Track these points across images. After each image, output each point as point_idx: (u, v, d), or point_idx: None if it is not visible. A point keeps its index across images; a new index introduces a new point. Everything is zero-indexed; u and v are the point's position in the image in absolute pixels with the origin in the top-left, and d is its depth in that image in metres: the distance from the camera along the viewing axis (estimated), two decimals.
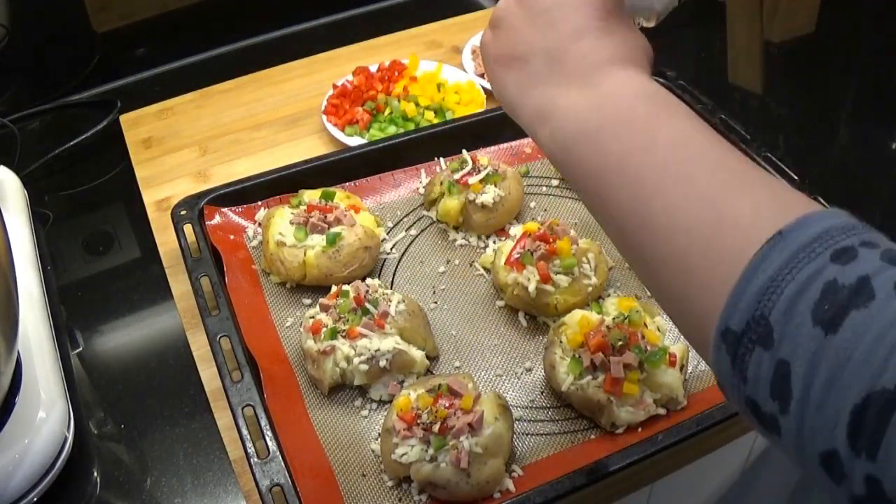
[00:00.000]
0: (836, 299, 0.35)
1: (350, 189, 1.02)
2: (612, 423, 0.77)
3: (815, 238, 0.37)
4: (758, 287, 0.38)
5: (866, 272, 0.36)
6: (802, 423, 0.36)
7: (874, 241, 0.37)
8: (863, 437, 0.34)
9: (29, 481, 0.71)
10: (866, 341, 0.34)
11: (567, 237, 0.89)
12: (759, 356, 0.38)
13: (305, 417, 0.80)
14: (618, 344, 0.77)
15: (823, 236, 0.37)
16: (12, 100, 1.28)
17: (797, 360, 0.36)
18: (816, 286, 0.36)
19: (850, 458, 0.34)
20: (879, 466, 0.34)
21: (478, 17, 1.45)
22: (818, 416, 0.35)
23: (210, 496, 0.77)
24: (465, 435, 0.71)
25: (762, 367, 0.38)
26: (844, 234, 0.37)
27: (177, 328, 0.91)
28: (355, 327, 0.80)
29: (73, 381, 0.84)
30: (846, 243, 0.37)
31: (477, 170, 0.98)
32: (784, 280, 0.37)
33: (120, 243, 1.05)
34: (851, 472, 0.35)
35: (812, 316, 0.36)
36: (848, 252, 0.37)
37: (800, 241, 0.38)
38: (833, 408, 0.35)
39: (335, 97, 1.21)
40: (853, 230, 0.38)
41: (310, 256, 0.90)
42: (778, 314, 0.37)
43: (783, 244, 0.38)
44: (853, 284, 0.35)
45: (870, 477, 0.34)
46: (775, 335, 0.37)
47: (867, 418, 0.34)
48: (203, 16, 1.42)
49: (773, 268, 0.37)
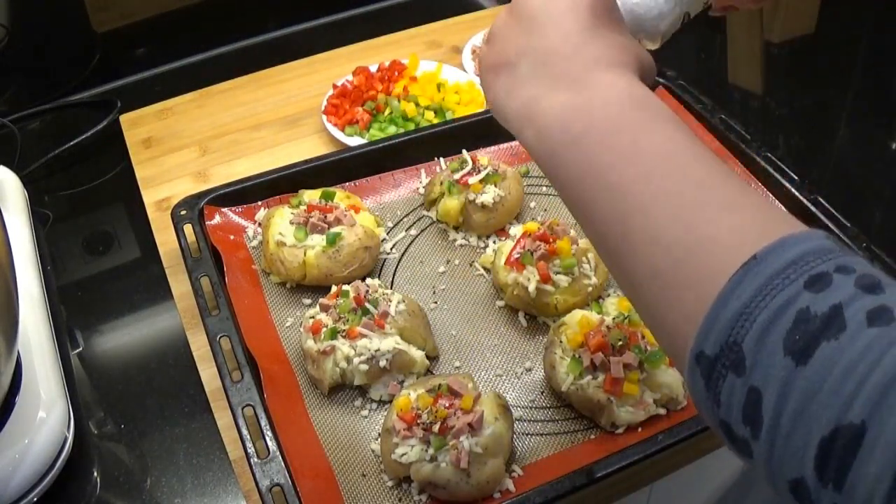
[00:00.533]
0: (808, 329, 0.36)
1: (350, 189, 1.02)
2: (612, 423, 0.77)
3: (790, 263, 0.37)
4: (731, 313, 0.38)
5: (839, 300, 0.36)
6: (772, 450, 0.37)
7: (850, 265, 0.37)
8: (829, 468, 0.34)
9: (29, 481, 0.71)
10: (835, 374, 0.34)
11: (567, 237, 0.89)
12: (732, 382, 0.38)
13: (305, 417, 0.80)
14: (618, 344, 0.77)
15: (798, 261, 0.37)
16: (12, 100, 1.28)
17: (768, 388, 0.36)
18: (789, 315, 0.36)
19: (817, 488, 0.35)
20: (845, 497, 0.34)
21: (478, 17, 1.45)
22: (787, 444, 0.36)
23: (210, 496, 0.77)
24: (465, 435, 0.71)
25: (734, 394, 0.38)
26: (820, 259, 0.38)
27: (177, 328, 0.91)
28: (355, 327, 0.80)
29: (73, 381, 0.84)
30: (821, 269, 0.37)
31: (477, 170, 0.98)
32: (757, 307, 0.37)
33: (120, 243, 1.05)
34: (818, 500, 0.35)
35: (783, 345, 0.36)
36: (822, 279, 0.37)
37: (774, 267, 0.38)
38: (802, 438, 0.35)
39: (335, 97, 1.20)
40: (829, 254, 0.38)
41: (310, 256, 0.90)
42: (750, 342, 0.37)
43: (758, 269, 0.38)
44: (825, 314, 0.36)
45: None
46: (747, 363, 0.37)
47: (834, 450, 0.34)
48: (203, 16, 1.42)
49: (747, 294, 0.38)
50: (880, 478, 0.33)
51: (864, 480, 0.33)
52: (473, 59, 1.30)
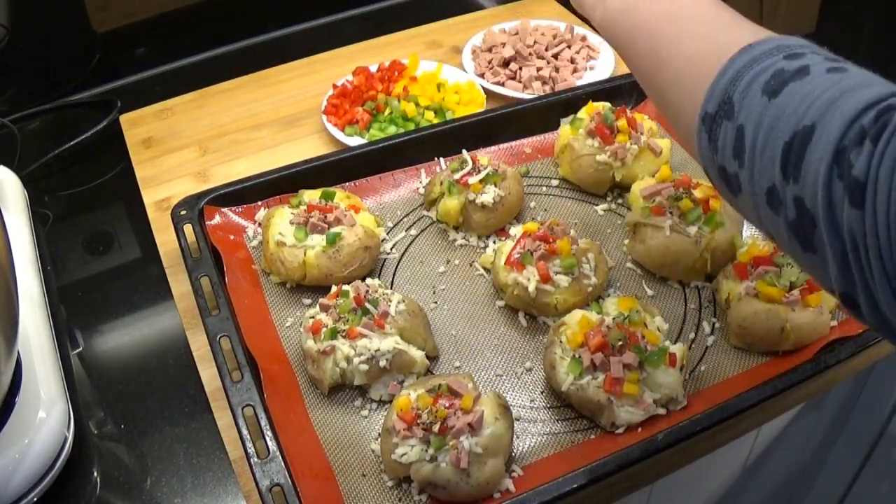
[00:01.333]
0: (781, 77, 0.47)
1: (350, 189, 1.02)
2: (612, 423, 0.77)
3: (775, 47, 0.49)
4: (727, 79, 0.50)
5: (808, 63, 0.47)
6: (752, 170, 0.48)
7: (823, 52, 0.49)
8: (790, 165, 0.45)
9: (29, 481, 0.71)
10: (797, 99, 0.45)
11: (567, 237, 0.89)
12: (725, 127, 0.49)
13: (305, 417, 0.80)
14: (618, 344, 0.77)
15: (782, 47, 0.49)
16: (12, 100, 1.28)
17: (749, 122, 0.48)
18: (768, 73, 0.48)
19: (783, 186, 0.46)
20: (800, 186, 0.44)
21: (478, 17, 1.45)
22: (761, 159, 0.47)
23: (210, 496, 0.77)
24: (465, 435, 0.71)
25: (727, 135, 0.49)
26: (800, 46, 0.49)
27: (177, 328, 0.91)
28: (355, 327, 0.80)
29: (73, 381, 0.84)
30: (799, 50, 0.48)
31: (477, 170, 0.98)
32: (746, 72, 0.49)
33: (120, 243, 1.05)
34: (784, 198, 0.46)
35: (761, 90, 0.47)
36: (798, 55, 0.48)
37: (762, 49, 0.49)
38: (771, 149, 0.46)
39: (335, 97, 1.20)
40: (809, 46, 0.49)
41: (310, 256, 0.90)
42: (738, 94, 0.49)
43: (750, 51, 0.50)
44: (796, 68, 0.47)
45: (796, 198, 0.45)
46: (735, 108, 0.49)
47: (793, 149, 0.45)
48: (203, 16, 1.42)
49: (739, 65, 0.49)
50: (822, 159, 0.43)
51: (811, 166, 0.43)
52: (473, 59, 1.30)
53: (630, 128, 1.02)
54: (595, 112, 1.05)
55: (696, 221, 0.90)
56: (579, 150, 1.02)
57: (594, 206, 1.04)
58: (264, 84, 1.29)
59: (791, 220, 0.46)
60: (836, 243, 0.43)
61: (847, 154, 0.42)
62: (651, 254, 0.91)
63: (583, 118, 1.05)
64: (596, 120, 1.03)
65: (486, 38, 1.33)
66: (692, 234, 0.89)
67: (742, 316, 0.83)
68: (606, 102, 1.08)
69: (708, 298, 0.91)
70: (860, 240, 0.42)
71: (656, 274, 0.93)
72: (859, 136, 0.42)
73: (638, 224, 0.93)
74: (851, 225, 0.42)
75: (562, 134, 1.07)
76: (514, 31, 1.34)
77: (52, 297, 0.91)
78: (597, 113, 1.04)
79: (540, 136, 1.12)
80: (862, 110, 0.42)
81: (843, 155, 0.42)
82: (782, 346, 0.82)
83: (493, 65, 1.28)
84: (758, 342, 0.83)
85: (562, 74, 1.25)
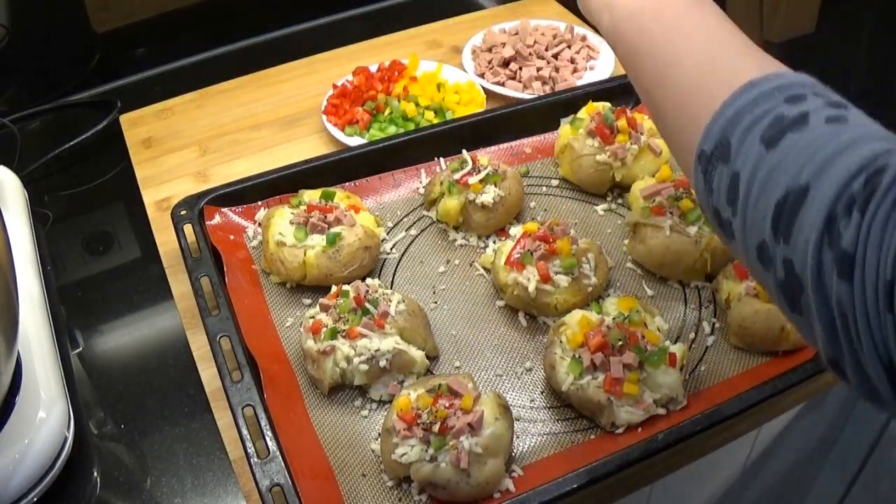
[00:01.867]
0: (780, 125, 0.46)
1: (350, 189, 1.02)
2: (612, 423, 0.77)
3: (777, 87, 0.48)
4: (725, 119, 0.48)
5: (808, 109, 0.46)
6: (745, 221, 0.47)
7: (825, 93, 0.47)
8: (782, 224, 0.44)
9: (29, 481, 0.71)
10: (794, 153, 0.44)
11: (567, 237, 0.89)
12: (721, 170, 0.48)
13: (305, 417, 0.80)
14: (618, 344, 0.77)
15: (784, 87, 0.48)
16: (12, 100, 1.28)
17: (744, 170, 0.47)
18: (768, 118, 0.46)
19: (773, 245, 0.45)
20: (791, 248, 0.43)
21: (478, 17, 1.45)
22: (754, 211, 0.46)
23: (210, 496, 0.77)
24: (465, 435, 0.71)
25: (722, 179, 0.48)
26: (801, 87, 0.48)
27: (177, 328, 0.91)
28: (355, 327, 0.80)
29: (73, 381, 0.84)
30: (801, 92, 0.47)
31: (477, 170, 0.98)
32: (746, 114, 0.47)
33: (120, 243, 1.05)
34: (774, 256, 0.45)
35: (759, 137, 0.46)
36: (800, 97, 0.47)
37: (763, 89, 0.48)
38: (764, 203, 0.45)
39: (335, 97, 1.20)
40: (811, 86, 0.48)
41: (310, 256, 0.90)
42: (736, 138, 0.47)
43: (751, 89, 0.48)
44: (795, 116, 0.45)
45: (786, 259, 0.44)
46: (732, 152, 0.48)
47: (785, 209, 0.44)
48: (203, 16, 1.42)
49: (739, 105, 0.48)
50: (814, 224, 0.42)
51: (803, 232, 0.43)
52: (473, 59, 1.30)
53: (630, 128, 1.02)
54: (595, 112, 1.05)
55: (696, 221, 0.90)
56: (579, 150, 1.02)
57: (594, 206, 1.04)
58: (264, 84, 1.29)
59: (780, 279, 0.45)
60: (824, 311, 0.42)
61: (837, 224, 0.41)
62: (651, 254, 0.92)
63: (583, 118, 1.05)
64: (596, 120, 1.03)
65: (486, 38, 1.33)
66: (692, 234, 0.89)
67: (742, 316, 0.83)
68: (606, 102, 1.08)
69: (708, 298, 0.91)
70: (849, 311, 0.41)
71: (656, 274, 0.93)
72: (849, 204, 0.41)
73: (638, 224, 0.93)
74: (840, 296, 0.41)
75: (562, 134, 1.07)
76: (514, 31, 1.34)
77: (52, 297, 0.91)
78: (597, 113, 1.04)
79: (540, 136, 1.12)
80: (854, 174, 0.42)
81: (834, 224, 0.41)
82: (782, 346, 0.82)
83: (493, 65, 1.28)
84: (758, 342, 0.83)
85: (562, 74, 1.25)
